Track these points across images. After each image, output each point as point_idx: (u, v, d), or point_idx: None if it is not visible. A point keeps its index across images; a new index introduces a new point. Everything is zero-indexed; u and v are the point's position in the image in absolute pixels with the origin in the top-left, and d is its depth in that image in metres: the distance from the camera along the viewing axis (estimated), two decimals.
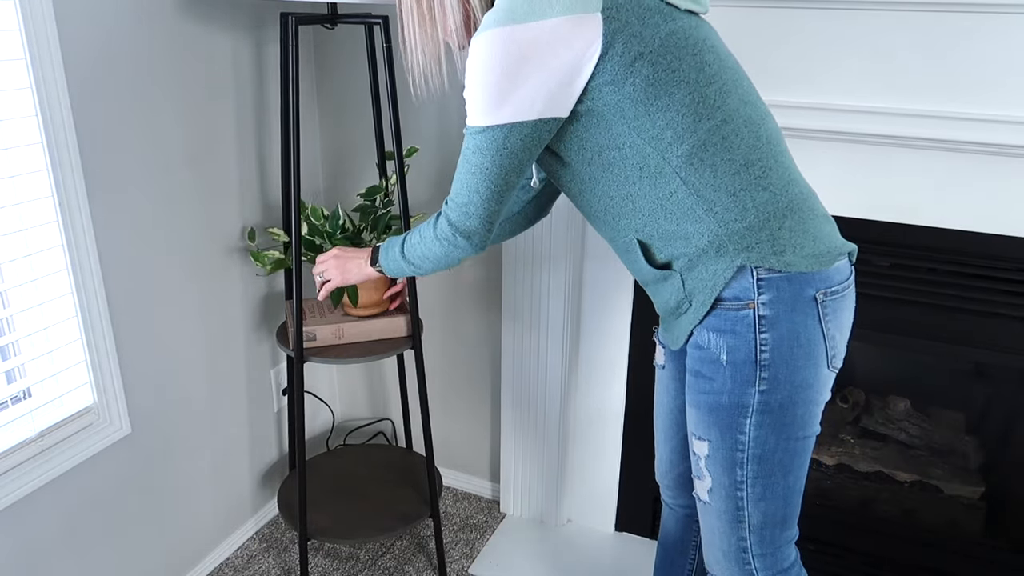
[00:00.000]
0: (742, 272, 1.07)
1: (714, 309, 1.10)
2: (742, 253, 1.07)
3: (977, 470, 1.86)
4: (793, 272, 1.07)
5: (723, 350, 1.10)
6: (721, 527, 1.20)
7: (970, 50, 1.42)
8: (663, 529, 1.54)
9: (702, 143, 1.05)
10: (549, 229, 1.85)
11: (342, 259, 1.42)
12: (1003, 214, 1.49)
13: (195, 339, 1.80)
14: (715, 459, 1.16)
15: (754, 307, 1.08)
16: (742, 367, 1.09)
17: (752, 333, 1.08)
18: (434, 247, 1.20)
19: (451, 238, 1.16)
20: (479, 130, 1.06)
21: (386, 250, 1.32)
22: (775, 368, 1.09)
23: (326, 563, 2.01)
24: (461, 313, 2.12)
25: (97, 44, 1.46)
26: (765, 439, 1.12)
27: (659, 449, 1.46)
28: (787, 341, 1.08)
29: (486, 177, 1.09)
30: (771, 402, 1.10)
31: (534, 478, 2.12)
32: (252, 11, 1.80)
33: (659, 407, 1.43)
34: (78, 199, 1.46)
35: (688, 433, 1.21)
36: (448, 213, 1.15)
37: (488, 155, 1.07)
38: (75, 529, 1.59)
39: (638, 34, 1.01)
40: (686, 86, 1.03)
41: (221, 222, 1.81)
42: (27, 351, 1.51)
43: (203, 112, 1.71)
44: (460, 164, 1.11)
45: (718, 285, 1.08)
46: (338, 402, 2.40)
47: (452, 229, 1.15)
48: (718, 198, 1.06)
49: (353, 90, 2.02)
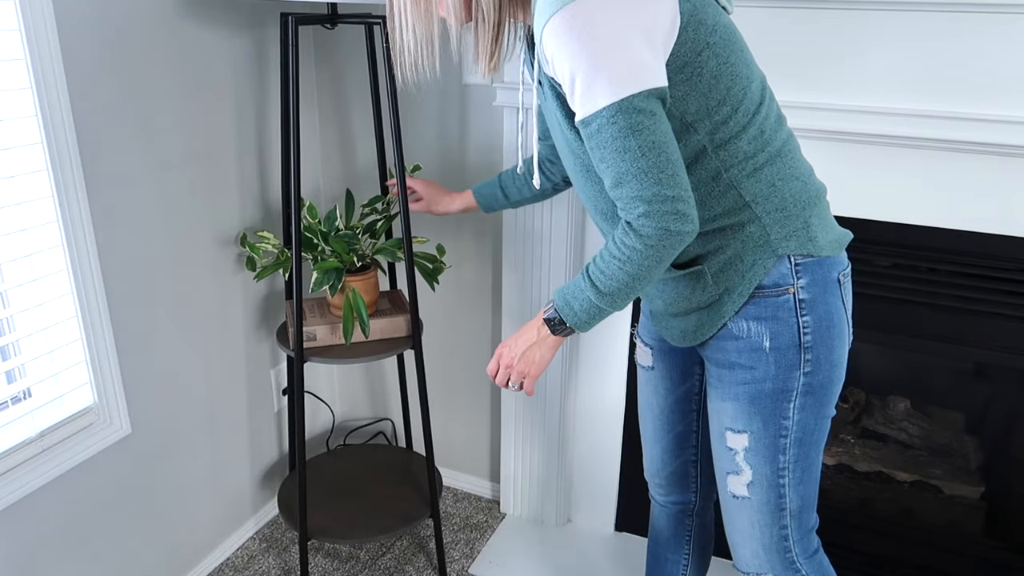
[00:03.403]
0: (780, 259, 1.09)
1: (752, 298, 1.11)
2: (783, 242, 1.09)
3: (977, 470, 1.86)
4: (822, 256, 1.11)
5: (766, 337, 1.11)
6: (762, 519, 1.20)
7: (970, 50, 1.42)
8: (654, 527, 1.54)
9: (748, 136, 1.06)
10: (549, 229, 1.85)
11: (517, 349, 1.16)
12: (1003, 214, 1.49)
13: (195, 339, 1.80)
14: (756, 450, 1.16)
15: (794, 292, 1.10)
16: (786, 352, 1.11)
17: (794, 317, 1.10)
18: (647, 260, 1.01)
19: (664, 234, 0.99)
20: (638, 99, 0.94)
21: (566, 306, 1.10)
22: (816, 349, 1.11)
23: (326, 563, 2.01)
24: (461, 313, 2.12)
25: (97, 44, 1.46)
26: (806, 421, 1.14)
27: (649, 449, 1.46)
28: (824, 322, 1.11)
29: (653, 151, 0.96)
30: (813, 383, 1.12)
31: (534, 478, 2.12)
32: (252, 11, 1.80)
33: (647, 407, 1.43)
34: (78, 199, 1.46)
35: (717, 430, 1.20)
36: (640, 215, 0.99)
37: (640, 129, 0.95)
38: (75, 529, 1.59)
39: (704, 21, 1.00)
40: (738, 80, 1.04)
41: (221, 222, 1.81)
42: (27, 351, 1.51)
43: (203, 112, 1.71)
44: (615, 161, 0.97)
45: (758, 275, 1.09)
46: (338, 402, 2.40)
47: (661, 224, 0.98)
48: (759, 189, 1.07)
49: (353, 90, 2.02)
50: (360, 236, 1.76)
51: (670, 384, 1.37)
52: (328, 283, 1.64)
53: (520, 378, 1.16)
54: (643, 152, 0.95)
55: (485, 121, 1.89)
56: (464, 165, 1.96)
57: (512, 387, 1.18)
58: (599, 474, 2.09)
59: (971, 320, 1.60)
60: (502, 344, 1.18)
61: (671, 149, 0.97)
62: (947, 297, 1.60)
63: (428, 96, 1.93)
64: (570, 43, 0.93)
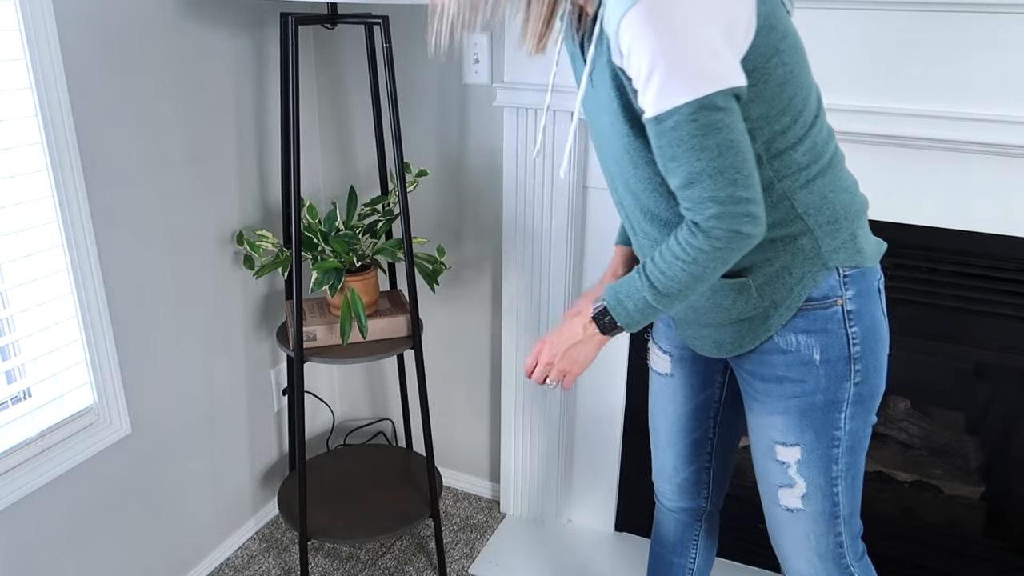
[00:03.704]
0: (829, 271, 1.08)
1: (800, 311, 1.09)
2: (833, 254, 1.08)
3: (977, 470, 1.86)
4: (866, 267, 1.10)
5: (816, 350, 1.10)
6: (818, 529, 1.19)
7: (971, 51, 1.42)
8: (659, 531, 1.52)
9: (803, 147, 1.04)
10: (549, 229, 1.85)
11: (559, 347, 1.13)
12: (1004, 214, 1.49)
13: (195, 339, 1.80)
14: (809, 461, 1.15)
15: (842, 303, 1.09)
16: (836, 363, 1.10)
17: (843, 329, 1.09)
18: (712, 262, 0.99)
19: (734, 237, 0.97)
20: (720, 98, 0.91)
21: (618, 305, 1.06)
22: (865, 359, 1.11)
23: (326, 563, 2.01)
24: (461, 313, 2.12)
25: (97, 44, 1.46)
26: (856, 429, 1.14)
27: (661, 454, 1.43)
28: (871, 331, 1.11)
29: (730, 151, 0.93)
30: (863, 392, 1.12)
31: (534, 478, 2.12)
32: (252, 11, 1.80)
33: (662, 413, 1.40)
34: (78, 199, 1.46)
35: (765, 444, 1.18)
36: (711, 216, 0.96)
37: (718, 128, 0.92)
38: (75, 529, 1.59)
39: (775, 26, 0.97)
40: (800, 91, 1.01)
41: (221, 222, 1.81)
42: (27, 351, 1.51)
43: (203, 112, 1.71)
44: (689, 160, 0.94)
45: (807, 287, 1.08)
46: (338, 402, 2.40)
47: (732, 226, 0.95)
48: (811, 200, 1.06)
49: (353, 90, 2.02)
50: (360, 236, 1.76)
51: (689, 392, 1.34)
52: (328, 283, 1.64)
53: (561, 376, 1.13)
54: (720, 151, 0.92)
55: (485, 121, 1.89)
56: (464, 165, 1.96)
57: (551, 385, 1.15)
58: (599, 474, 2.09)
59: (971, 320, 1.60)
60: (542, 341, 1.15)
61: (747, 149, 0.94)
62: (947, 297, 1.60)
63: (428, 96, 1.93)
64: (649, 36, 0.89)
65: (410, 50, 1.91)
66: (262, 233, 1.77)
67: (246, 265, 1.81)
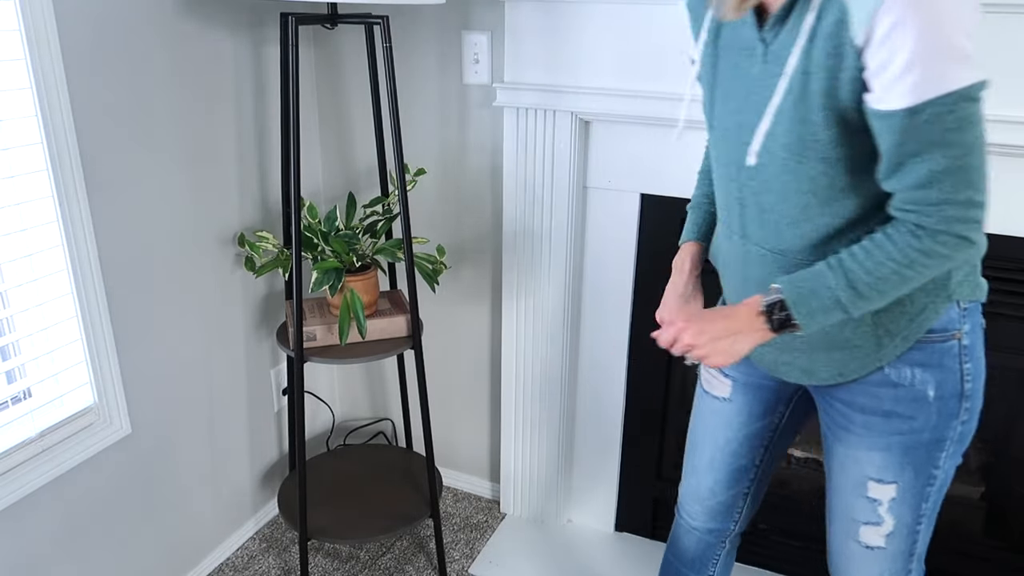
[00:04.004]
0: (951, 303, 1.03)
1: (918, 343, 1.03)
2: (959, 287, 1.03)
3: (977, 470, 1.86)
4: (982, 301, 1.06)
5: (931, 385, 1.04)
6: (893, 567, 1.14)
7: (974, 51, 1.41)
8: (678, 545, 1.44)
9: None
10: (549, 229, 1.85)
11: (709, 333, 1.03)
12: (1004, 214, 1.49)
13: (195, 339, 1.80)
14: (903, 500, 1.09)
15: (959, 337, 1.03)
16: (949, 401, 1.04)
17: (958, 364, 1.04)
18: (929, 268, 0.93)
19: (961, 244, 0.91)
20: (977, 89, 0.86)
21: (801, 301, 0.97)
22: (974, 397, 1.06)
23: (326, 563, 2.01)
24: (461, 313, 2.12)
25: (97, 44, 1.46)
26: (951, 468, 1.09)
27: (699, 478, 1.36)
28: (979, 368, 1.06)
29: (978, 149, 0.88)
30: (966, 431, 1.07)
31: (534, 478, 2.12)
32: (252, 11, 1.80)
33: (709, 439, 1.32)
34: (78, 199, 1.46)
35: (856, 480, 1.12)
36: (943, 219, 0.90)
37: (974, 122, 0.87)
38: (75, 529, 1.59)
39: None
40: None
41: (221, 222, 1.82)
42: (27, 351, 1.52)
43: (203, 112, 1.71)
44: (935, 157, 0.88)
45: (929, 319, 1.02)
46: (338, 402, 2.40)
47: (963, 232, 0.90)
48: None
49: (353, 90, 2.02)
50: (360, 236, 1.76)
51: (746, 419, 1.27)
52: (328, 283, 1.64)
53: (697, 359, 1.05)
54: (970, 149, 0.87)
55: (485, 121, 1.89)
56: (464, 165, 1.96)
57: (689, 360, 1.07)
58: (599, 474, 2.09)
59: None
60: (686, 321, 1.05)
61: (987, 151, 0.89)
62: None
63: (428, 96, 1.93)
64: (916, 20, 0.84)
65: (410, 50, 1.91)
66: (262, 234, 1.77)
67: (247, 267, 1.81)
